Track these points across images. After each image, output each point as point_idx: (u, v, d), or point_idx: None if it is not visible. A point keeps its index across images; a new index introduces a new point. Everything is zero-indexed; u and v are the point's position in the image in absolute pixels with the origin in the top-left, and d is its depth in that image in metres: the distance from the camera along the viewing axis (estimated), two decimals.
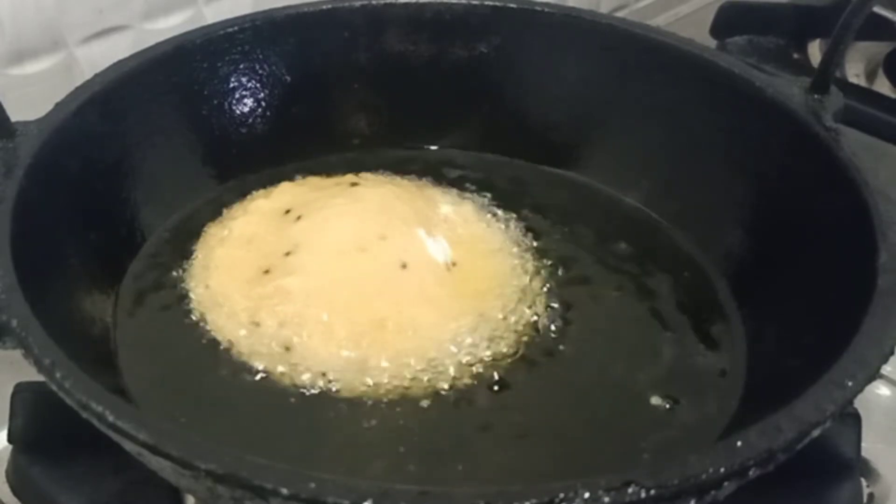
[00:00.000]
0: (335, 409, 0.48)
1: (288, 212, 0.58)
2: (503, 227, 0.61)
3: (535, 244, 0.60)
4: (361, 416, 0.48)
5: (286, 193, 0.61)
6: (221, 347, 0.52)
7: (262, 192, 0.62)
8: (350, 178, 0.62)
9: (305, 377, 0.50)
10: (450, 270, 0.55)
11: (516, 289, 0.56)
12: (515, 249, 0.59)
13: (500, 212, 0.62)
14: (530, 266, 0.58)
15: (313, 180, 0.63)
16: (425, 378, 0.50)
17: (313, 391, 0.49)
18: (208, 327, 0.52)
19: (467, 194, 0.63)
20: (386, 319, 0.51)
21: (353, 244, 0.54)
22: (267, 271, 0.54)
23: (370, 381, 0.49)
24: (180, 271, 0.56)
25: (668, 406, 0.50)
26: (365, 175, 0.63)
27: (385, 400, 0.49)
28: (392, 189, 0.61)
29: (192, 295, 0.55)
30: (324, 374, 0.50)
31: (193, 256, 0.57)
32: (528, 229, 0.61)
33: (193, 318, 0.53)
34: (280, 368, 0.50)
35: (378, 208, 0.57)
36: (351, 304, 0.52)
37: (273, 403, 0.49)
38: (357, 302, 0.52)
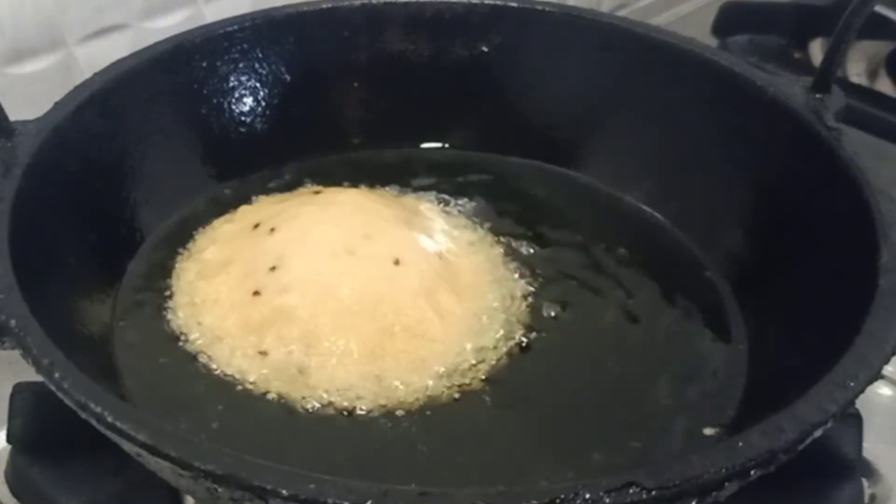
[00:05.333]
0: (354, 426, 0.48)
1: (257, 225, 0.56)
2: (483, 225, 0.61)
3: (532, 243, 0.60)
4: (380, 428, 0.48)
5: (249, 213, 0.59)
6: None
7: (222, 218, 0.59)
8: (312, 188, 0.61)
9: (322, 397, 0.48)
10: (442, 260, 0.55)
11: (509, 286, 0.56)
12: (502, 246, 0.59)
13: (483, 212, 0.62)
14: (525, 264, 0.58)
15: (271, 198, 0.61)
16: (440, 383, 0.50)
17: (330, 410, 0.48)
18: (213, 365, 0.50)
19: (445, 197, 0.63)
20: (393, 325, 0.51)
21: (340, 248, 0.53)
22: (257, 292, 0.52)
23: (389, 393, 0.49)
24: (168, 312, 0.53)
25: (668, 406, 0.50)
26: (318, 188, 0.62)
27: (406, 410, 0.48)
28: (361, 192, 0.60)
29: (187, 336, 0.52)
30: (343, 392, 0.48)
31: (172, 295, 0.54)
32: (527, 228, 0.61)
33: (192, 353, 0.51)
34: (295, 393, 0.48)
35: (353, 210, 0.56)
36: (355, 313, 0.50)
37: (287, 422, 0.48)
38: (361, 309, 0.51)
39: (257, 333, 0.50)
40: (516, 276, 0.57)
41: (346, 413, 0.48)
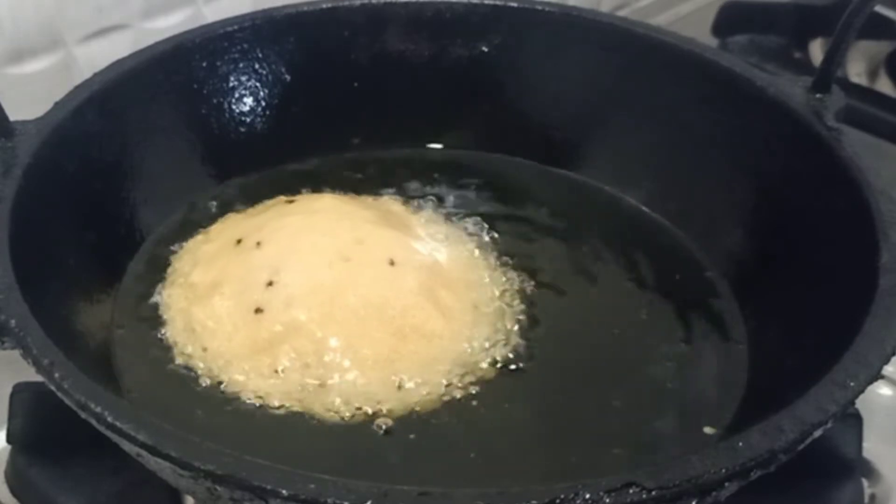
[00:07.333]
0: (379, 432, 0.47)
1: (240, 241, 0.54)
2: (470, 222, 0.61)
3: (531, 243, 0.60)
4: (407, 431, 0.47)
5: (225, 230, 0.58)
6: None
7: (198, 238, 0.58)
8: (284, 198, 0.60)
9: (345, 408, 0.48)
10: (430, 258, 0.55)
11: (502, 282, 0.56)
12: (494, 243, 0.59)
13: (460, 211, 0.62)
14: (524, 263, 0.58)
15: (244, 212, 0.60)
16: (455, 380, 0.50)
17: (354, 419, 0.48)
18: (229, 390, 0.49)
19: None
20: (403, 327, 0.51)
21: (334, 255, 0.52)
22: (259, 310, 0.51)
23: (409, 396, 0.49)
24: (167, 338, 0.52)
25: (668, 406, 0.50)
26: (291, 197, 0.61)
27: (428, 410, 0.48)
28: (335, 197, 0.60)
29: (191, 363, 0.50)
30: (365, 400, 0.48)
31: (168, 323, 0.53)
32: (526, 228, 0.61)
33: (204, 385, 0.49)
34: (318, 407, 0.48)
35: (338, 216, 0.56)
36: (364, 319, 0.50)
37: (314, 436, 0.47)
38: (368, 314, 0.50)
39: (269, 352, 0.49)
40: (511, 272, 0.57)
41: (370, 420, 0.48)
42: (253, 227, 0.56)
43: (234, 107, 0.63)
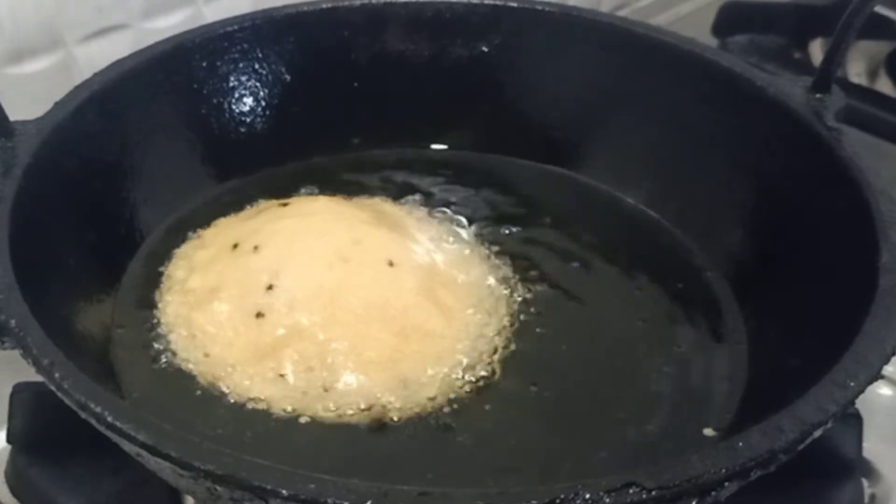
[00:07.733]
0: (388, 434, 0.47)
1: (236, 246, 0.54)
2: (463, 221, 0.61)
3: (530, 243, 0.60)
4: (415, 432, 0.47)
5: (220, 235, 0.57)
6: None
7: (191, 243, 0.58)
8: (278, 201, 0.60)
9: (351, 411, 0.48)
10: (427, 257, 0.55)
11: (500, 281, 0.56)
12: (489, 242, 0.59)
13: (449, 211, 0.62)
14: (523, 263, 0.58)
15: (237, 216, 0.60)
16: (459, 378, 0.50)
17: (361, 422, 0.48)
18: (233, 395, 0.49)
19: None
20: (405, 327, 0.50)
21: (334, 257, 0.52)
22: (260, 314, 0.50)
23: (415, 396, 0.49)
24: (167, 345, 0.51)
25: (668, 406, 0.50)
26: (285, 200, 0.60)
27: (435, 409, 0.48)
28: (329, 199, 0.59)
29: (193, 369, 0.50)
30: (371, 403, 0.48)
31: (168, 332, 0.52)
32: (526, 229, 0.61)
33: (205, 387, 0.49)
34: (323, 410, 0.48)
35: (334, 217, 0.56)
36: (366, 320, 0.50)
37: (322, 441, 0.47)
38: (369, 315, 0.50)
39: (272, 357, 0.49)
40: (509, 272, 0.57)
41: (373, 421, 0.48)
42: (249, 231, 0.55)
43: (234, 107, 0.63)
